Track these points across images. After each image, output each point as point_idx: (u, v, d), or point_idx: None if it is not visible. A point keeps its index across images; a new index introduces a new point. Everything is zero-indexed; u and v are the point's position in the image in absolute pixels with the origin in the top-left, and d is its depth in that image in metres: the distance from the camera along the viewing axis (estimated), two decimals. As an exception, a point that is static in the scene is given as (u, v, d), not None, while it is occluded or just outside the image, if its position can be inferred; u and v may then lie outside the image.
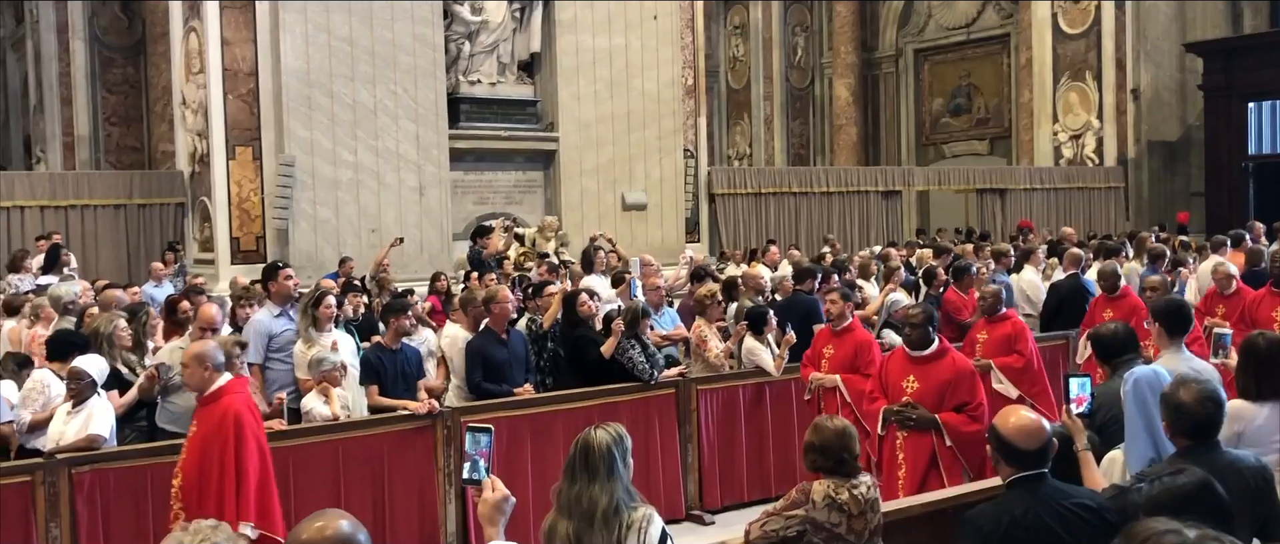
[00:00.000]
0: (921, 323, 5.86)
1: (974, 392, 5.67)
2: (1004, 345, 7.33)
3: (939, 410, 5.65)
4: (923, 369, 5.77)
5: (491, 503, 2.88)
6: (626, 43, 14.67)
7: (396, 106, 12.89)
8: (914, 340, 5.87)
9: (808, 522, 3.72)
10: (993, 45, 22.59)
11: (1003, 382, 7.18)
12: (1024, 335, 7.38)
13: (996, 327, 7.48)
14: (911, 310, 6.09)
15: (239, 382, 4.88)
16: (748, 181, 17.12)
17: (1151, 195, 19.31)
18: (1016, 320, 7.56)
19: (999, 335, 7.41)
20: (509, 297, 7.27)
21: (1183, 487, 2.90)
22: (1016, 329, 7.42)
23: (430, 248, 13.04)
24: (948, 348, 5.87)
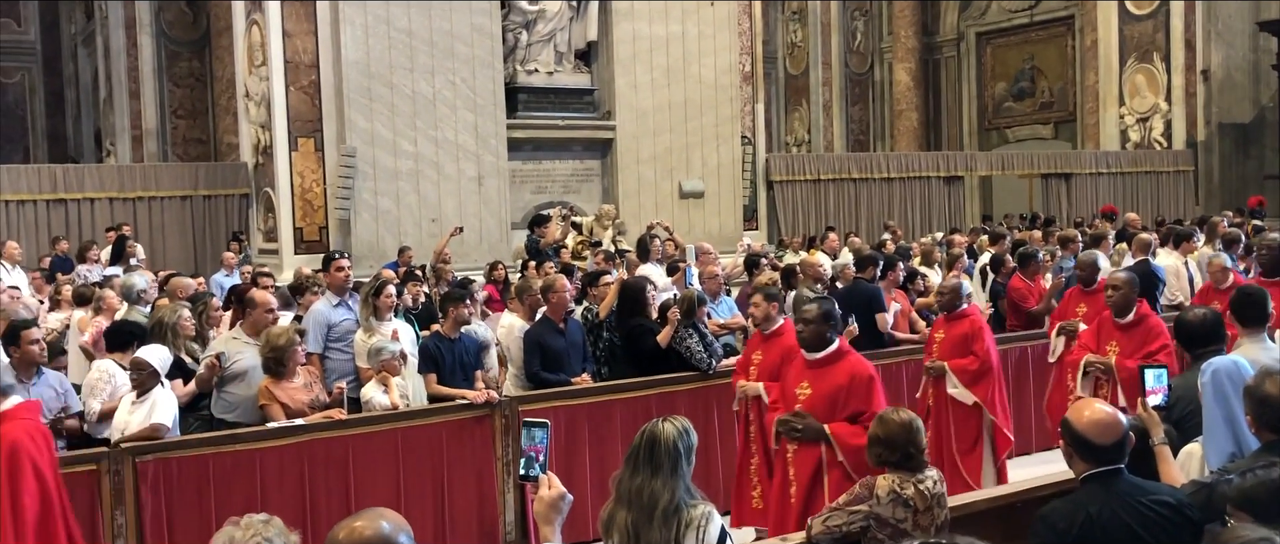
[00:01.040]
0: (815, 319, 5.13)
1: (869, 399, 4.98)
2: (960, 346, 6.79)
3: (832, 419, 5.00)
4: (817, 374, 5.11)
5: (548, 501, 2.82)
6: (683, 30, 14.57)
7: (455, 97, 12.93)
8: (808, 340, 5.14)
9: (872, 517, 3.64)
10: (1057, 27, 22.14)
11: (958, 386, 6.71)
12: (982, 335, 6.85)
13: (955, 325, 6.91)
14: (807, 305, 5.30)
15: (25, 407, 4.37)
16: (806, 168, 16.94)
17: (1222, 179, 18.80)
18: (976, 319, 7.00)
19: (956, 335, 6.86)
20: (567, 285, 7.25)
21: (1273, 480, 2.81)
22: (975, 328, 6.85)
23: (489, 237, 13.08)
24: (847, 350, 5.20)
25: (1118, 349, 6.35)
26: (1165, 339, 6.19)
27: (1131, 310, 6.35)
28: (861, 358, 5.24)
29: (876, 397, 5.02)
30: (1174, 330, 4.81)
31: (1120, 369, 6.24)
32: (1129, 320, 6.35)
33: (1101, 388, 6.38)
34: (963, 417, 6.71)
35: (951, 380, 6.71)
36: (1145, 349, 6.18)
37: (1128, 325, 6.36)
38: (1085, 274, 7.72)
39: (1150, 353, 6.08)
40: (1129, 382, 6.08)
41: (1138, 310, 6.36)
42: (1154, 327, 6.35)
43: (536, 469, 2.91)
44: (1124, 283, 6.41)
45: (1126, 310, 6.35)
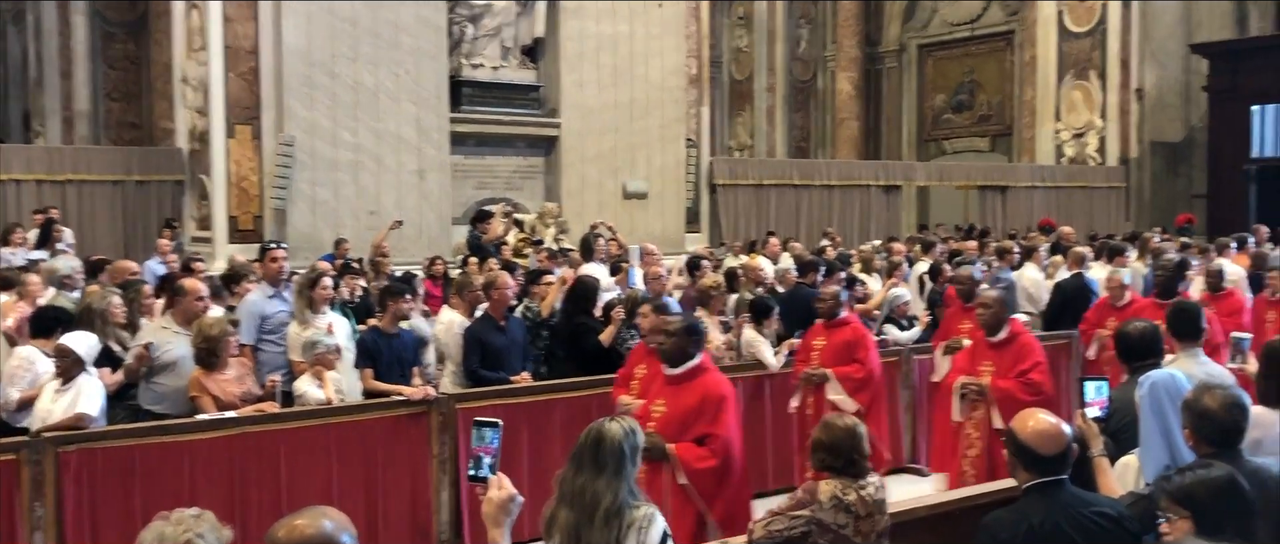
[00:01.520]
0: (678, 333, 4.91)
1: (716, 421, 4.75)
2: (843, 353, 6.74)
3: (681, 439, 4.75)
4: (674, 391, 4.87)
5: (497, 503, 2.77)
6: (631, 30, 14.54)
7: (398, 88, 12.76)
8: (668, 354, 4.89)
9: (814, 522, 3.63)
10: (997, 42, 22.49)
11: (840, 392, 6.67)
12: (865, 343, 6.81)
13: (835, 332, 6.85)
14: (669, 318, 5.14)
15: None
16: (749, 173, 17.01)
17: (1153, 196, 19.23)
18: (857, 326, 6.94)
19: (838, 341, 6.79)
20: (509, 282, 7.18)
21: (1215, 479, 2.89)
22: (857, 335, 6.82)
23: (429, 232, 12.92)
24: (706, 366, 4.97)
25: (992, 369, 6.19)
26: (1038, 357, 6.12)
27: (1003, 329, 6.20)
28: (720, 377, 5.01)
29: (723, 419, 4.76)
30: (1114, 343, 4.87)
31: (994, 389, 6.10)
32: (1001, 339, 6.20)
33: (976, 410, 6.25)
34: None
35: (835, 386, 6.64)
36: (1018, 368, 6.08)
37: (1000, 344, 6.21)
38: (965, 289, 7.58)
39: (1023, 372, 6.03)
40: (1004, 402, 6.00)
41: (1010, 328, 6.23)
42: (1027, 345, 6.20)
43: (486, 470, 2.85)
44: (994, 301, 6.27)
45: (998, 329, 6.20)
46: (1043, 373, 6.08)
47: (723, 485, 4.82)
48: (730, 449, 4.79)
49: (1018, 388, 6.03)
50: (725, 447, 4.76)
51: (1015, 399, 5.86)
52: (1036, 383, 6.04)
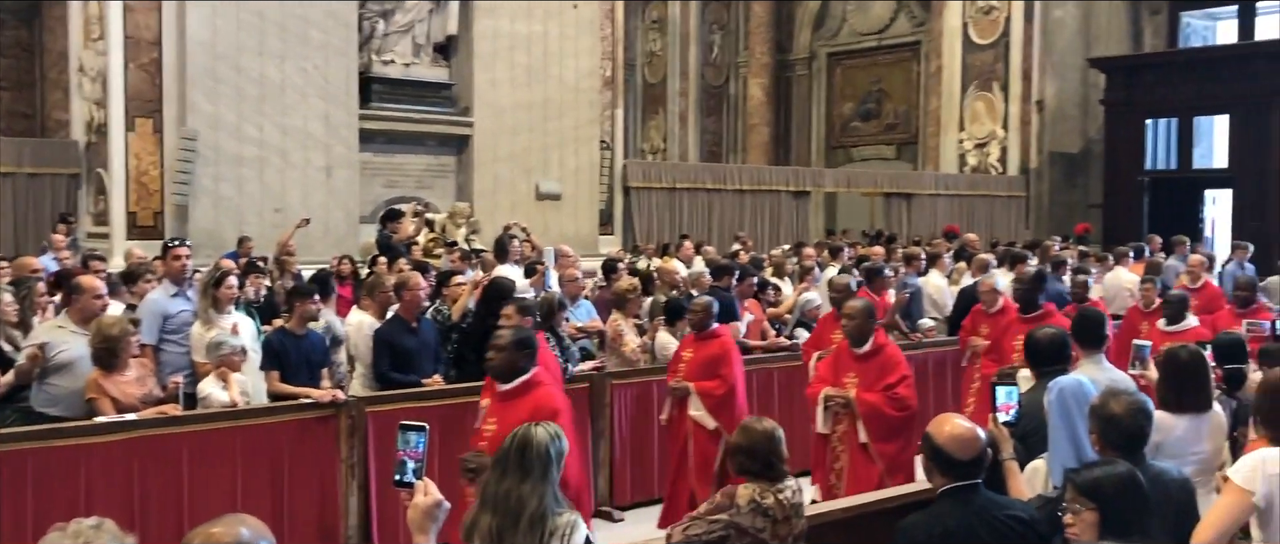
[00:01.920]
0: (508, 346, 4.60)
1: None
2: (708, 367, 6.45)
3: None
4: (505, 407, 4.58)
5: (423, 509, 2.70)
6: (545, 30, 14.47)
7: (306, 84, 12.49)
8: (498, 369, 4.61)
9: (732, 526, 3.63)
10: (904, 52, 22.93)
11: (700, 408, 6.38)
12: (729, 358, 6.51)
13: (704, 345, 6.55)
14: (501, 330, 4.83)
15: None
16: (663, 176, 17.06)
17: (1051, 205, 19.81)
18: (725, 340, 6.65)
19: (705, 356, 6.50)
20: (422, 283, 7.08)
21: (1120, 475, 2.99)
22: (723, 350, 6.51)
23: (336, 230, 12.67)
24: (538, 382, 4.66)
25: (856, 381, 6.02)
26: (903, 370, 5.98)
27: (868, 340, 6.01)
28: (551, 392, 4.65)
29: None
30: (1023, 348, 4.98)
31: (860, 403, 5.93)
32: (866, 351, 6.00)
33: (840, 423, 6.11)
34: (703, 440, 6.41)
35: (695, 402, 6.40)
36: (883, 381, 5.93)
37: (865, 356, 6.01)
38: (838, 297, 7.35)
39: (889, 385, 5.90)
40: (869, 416, 5.92)
41: (875, 340, 6.04)
42: (892, 358, 6.04)
43: (411, 475, 2.79)
44: (858, 312, 6.06)
45: (863, 340, 6.00)
46: (908, 387, 5.96)
47: None
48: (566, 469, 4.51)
49: (883, 402, 5.92)
50: None
51: (881, 413, 5.85)
52: (902, 397, 5.93)
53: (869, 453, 5.94)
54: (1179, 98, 18.09)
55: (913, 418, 5.99)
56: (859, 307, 6.14)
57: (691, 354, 6.59)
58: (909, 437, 5.97)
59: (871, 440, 5.95)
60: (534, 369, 4.68)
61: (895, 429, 5.97)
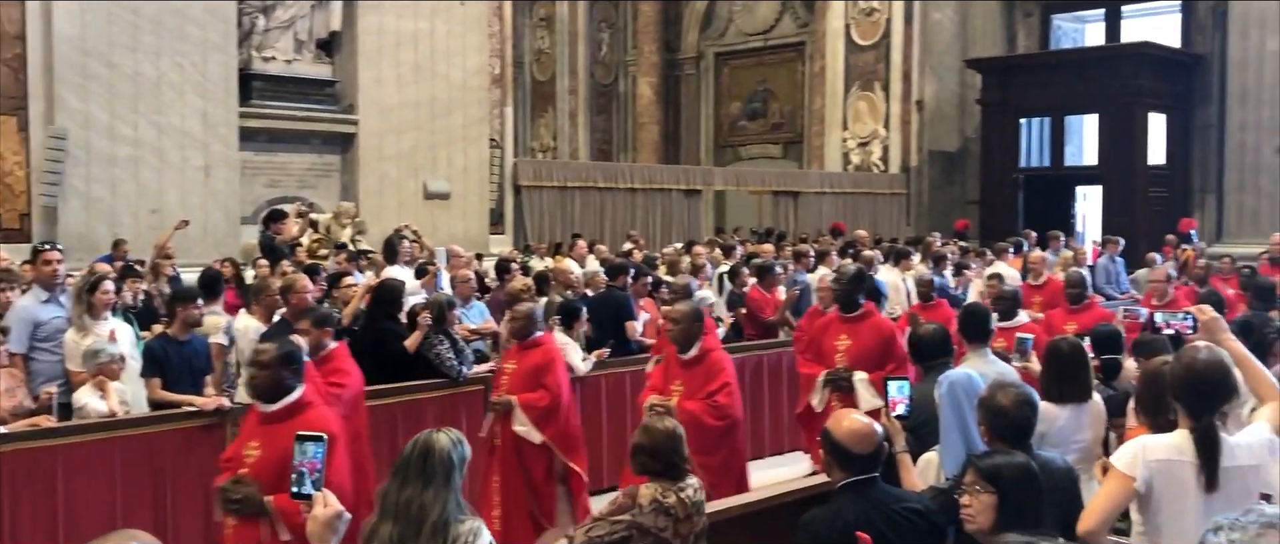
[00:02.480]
0: (271, 363, 4.14)
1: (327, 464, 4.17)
2: (531, 378, 6.09)
3: (279, 491, 3.88)
4: (268, 431, 4.12)
5: (323, 521, 2.63)
6: (432, 27, 14.28)
7: (182, 80, 12.08)
8: (258, 388, 4.20)
9: (634, 526, 3.64)
10: (789, 53, 23.29)
11: (525, 423, 6.02)
12: (554, 367, 6.16)
13: (527, 355, 6.17)
14: (262, 346, 4.41)
15: None
16: (554, 174, 17.00)
17: (931, 202, 20.38)
18: (549, 348, 6.27)
19: (529, 365, 6.12)
20: (308, 286, 6.90)
21: (1018, 463, 3.09)
22: (547, 359, 6.18)
23: (216, 232, 12.28)
24: (308, 401, 4.24)
25: (682, 389, 5.71)
26: (727, 377, 5.70)
27: (694, 345, 5.71)
28: (323, 414, 4.21)
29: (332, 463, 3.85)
30: (908, 345, 5.11)
31: (681, 411, 5.49)
32: (691, 357, 5.71)
33: None
34: (533, 455, 6.10)
35: (519, 417, 6.01)
36: (707, 388, 5.66)
37: (691, 362, 5.73)
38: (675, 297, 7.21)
39: (711, 392, 5.63)
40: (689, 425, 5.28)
41: (701, 345, 5.74)
42: (717, 364, 5.73)
43: (309, 486, 2.71)
44: (683, 316, 5.79)
45: (689, 345, 5.70)
46: (730, 395, 5.67)
47: None
48: (349, 489, 4.04)
49: (704, 410, 5.61)
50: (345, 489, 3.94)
51: (700, 423, 5.49)
52: (722, 406, 5.62)
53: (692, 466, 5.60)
54: (1051, 98, 18.78)
55: (735, 427, 5.77)
56: (683, 310, 5.88)
57: (514, 365, 6.18)
58: (733, 446, 5.80)
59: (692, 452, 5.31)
60: (302, 388, 4.22)
61: (716, 440, 5.65)
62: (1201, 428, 3.18)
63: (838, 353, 6.59)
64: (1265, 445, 3.26)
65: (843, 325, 6.68)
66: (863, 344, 6.56)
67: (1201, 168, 18.37)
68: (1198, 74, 18.32)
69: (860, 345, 6.55)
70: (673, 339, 5.84)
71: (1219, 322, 3.59)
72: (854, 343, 6.57)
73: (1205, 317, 3.62)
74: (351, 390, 5.49)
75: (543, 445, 6.08)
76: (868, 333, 6.61)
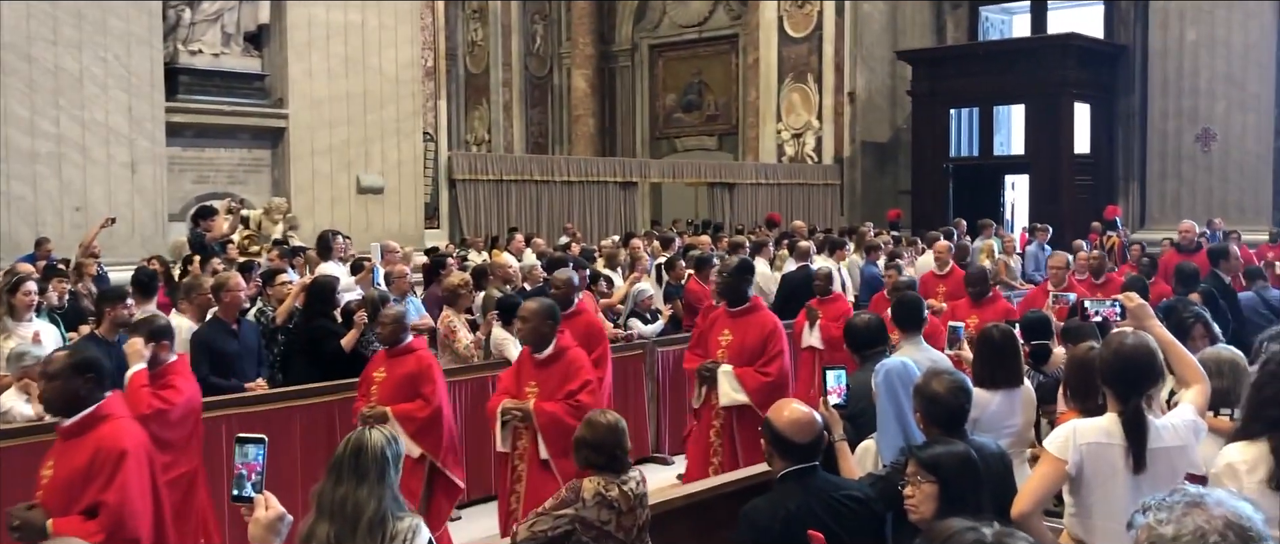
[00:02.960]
0: (61, 373, 3.81)
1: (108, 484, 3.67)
2: (407, 387, 5.70)
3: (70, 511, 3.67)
4: (64, 448, 3.85)
5: (265, 523, 2.60)
6: (363, 19, 14.09)
7: (106, 75, 11.77)
8: (51, 401, 3.94)
9: (577, 520, 3.64)
10: (722, 45, 23.41)
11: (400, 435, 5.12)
12: (431, 374, 5.75)
13: (399, 362, 5.77)
14: (56, 355, 4.07)
15: None
16: (489, 168, 16.89)
17: (864, 192, 20.63)
18: (423, 355, 5.89)
19: (401, 374, 5.74)
20: (241, 284, 6.82)
21: (958, 452, 3.17)
22: (422, 365, 5.76)
23: (143, 229, 12.01)
24: (107, 413, 3.85)
25: (537, 390, 5.42)
26: (588, 375, 5.43)
27: (549, 344, 5.42)
28: (119, 429, 3.82)
29: (117, 482, 3.65)
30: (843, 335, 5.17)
31: (538, 413, 5.32)
32: (547, 356, 5.44)
33: (521, 439, 5.50)
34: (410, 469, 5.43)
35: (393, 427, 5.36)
36: (566, 388, 5.37)
37: (546, 362, 5.45)
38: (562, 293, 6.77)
39: (572, 392, 5.34)
40: (548, 427, 5.31)
41: (557, 344, 5.46)
42: (575, 362, 5.46)
43: (250, 489, 2.68)
44: (534, 314, 5.42)
45: (543, 344, 5.41)
46: (592, 393, 5.38)
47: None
48: (124, 521, 3.66)
49: (564, 411, 5.31)
50: (116, 519, 3.62)
51: (561, 424, 5.22)
52: (584, 405, 5.24)
53: (551, 470, 5.33)
54: (979, 88, 19.11)
55: None
56: (534, 308, 5.49)
57: (384, 373, 5.80)
58: None
59: (552, 456, 5.30)
60: (103, 399, 3.86)
61: None
62: (1129, 411, 3.27)
63: (721, 348, 6.24)
64: (1190, 427, 3.37)
65: (727, 320, 6.34)
66: (745, 339, 6.20)
67: (1125, 156, 18.84)
68: (1120, 64, 18.78)
69: (742, 340, 6.20)
70: (523, 340, 5.58)
71: (1145, 308, 3.69)
72: (736, 338, 6.22)
73: (1132, 303, 3.72)
74: (180, 407, 5.06)
75: (420, 459, 5.63)
76: (751, 328, 6.22)
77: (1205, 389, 3.53)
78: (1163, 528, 1.86)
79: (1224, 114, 17.30)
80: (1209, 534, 1.83)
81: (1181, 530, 1.85)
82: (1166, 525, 1.86)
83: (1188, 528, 1.85)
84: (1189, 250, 10.31)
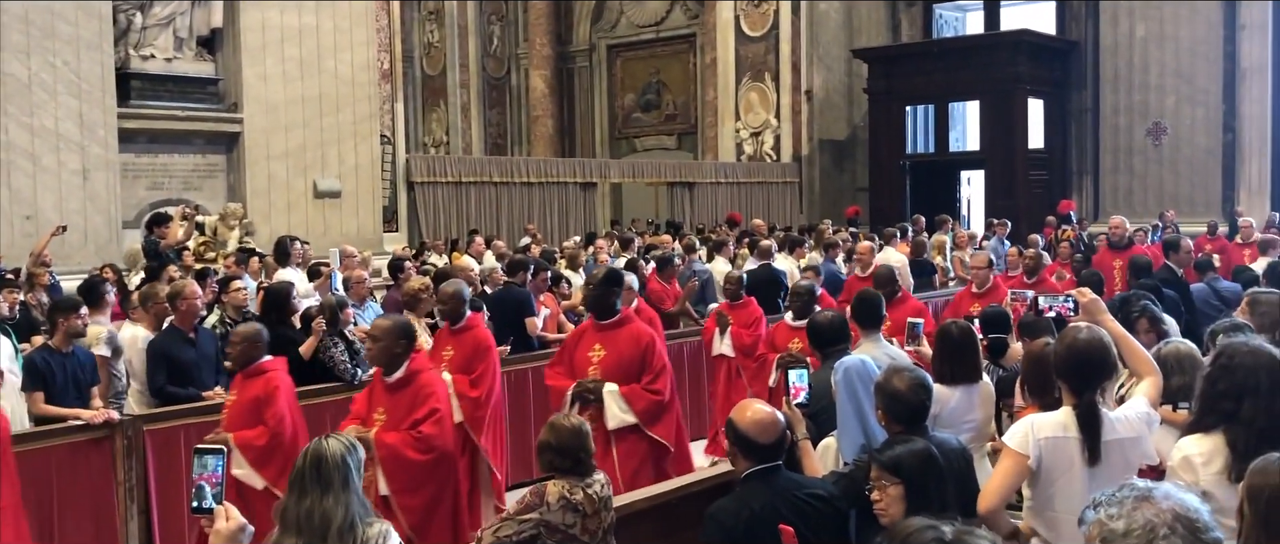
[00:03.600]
0: None
1: None
2: (252, 412, 5.21)
3: None
4: None
5: (225, 535, 2.57)
6: (317, 22, 13.96)
7: (55, 81, 11.59)
8: None
9: (542, 524, 3.64)
10: (680, 44, 23.47)
11: (243, 466, 5.08)
12: (276, 398, 5.20)
13: (249, 384, 5.27)
14: None
15: None
16: (448, 170, 16.81)
17: (823, 190, 20.77)
18: (273, 376, 5.30)
19: (248, 398, 5.25)
20: (197, 292, 6.73)
21: (918, 450, 3.19)
22: (269, 389, 5.22)
23: (97, 237, 11.84)
24: None
25: (384, 417, 4.93)
26: (436, 402, 4.93)
27: (400, 366, 4.95)
28: None
29: None
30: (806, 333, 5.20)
31: (378, 445, 4.79)
32: (397, 379, 4.94)
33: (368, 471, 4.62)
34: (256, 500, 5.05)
35: (237, 458, 5.04)
36: (412, 416, 4.86)
37: (396, 386, 4.95)
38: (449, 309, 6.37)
39: (417, 421, 4.84)
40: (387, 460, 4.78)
41: (408, 366, 4.96)
42: (426, 387, 4.95)
43: (210, 500, 2.65)
44: (386, 332, 4.96)
45: (394, 366, 4.94)
46: (437, 424, 4.89)
47: None
48: None
49: (404, 443, 4.82)
50: None
51: (400, 457, 4.80)
52: (427, 437, 4.85)
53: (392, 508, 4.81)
54: (934, 86, 19.30)
55: (444, 460, 4.95)
56: (386, 325, 5.04)
57: (235, 396, 5.38)
58: (443, 482, 4.96)
59: (392, 492, 4.83)
60: None
61: (421, 477, 4.87)
62: (1084, 405, 3.32)
63: (592, 365, 5.68)
64: (1143, 419, 3.42)
65: (597, 334, 5.78)
66: (619, 354, 5.65)
67: (1078, 150, 19.11)
68: (1073, 60, 19.04)
69: (617, 355, 5.65)
70: (373, 361, 5.10)
71: (1098, 303, 3.74)
72: (609, 353, 5.66)
73: (1085, 298, 3.77)
74: None
75: (265, 491, 5.07)
76: (624, 342, 5.68)
77: (1157, 381, 3.58)
78: (1114, 523, 1.90)
79: (1174, 108, 17.60)
80: (1159, 527, 1.87)
81: (1132, 525, 1.88)
82: (1117, 520, 1.90)
83: (1138, 522, 1.88)
84: (1120, 247, 10.35)
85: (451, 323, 6.36)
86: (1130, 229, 11.27)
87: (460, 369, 6.16)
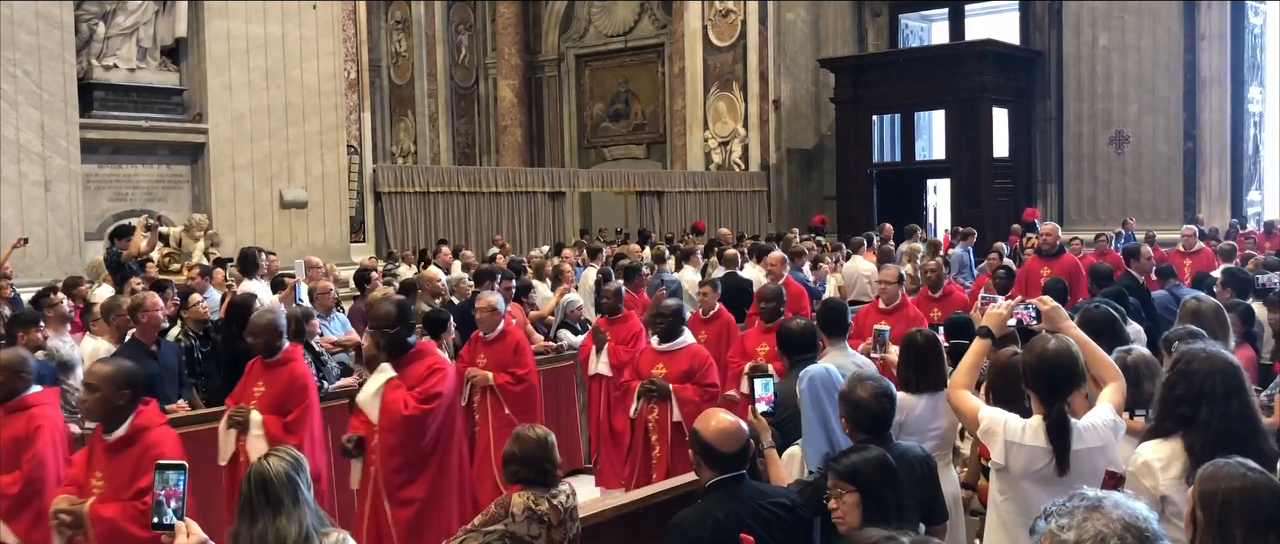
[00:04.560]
0: None
1: None
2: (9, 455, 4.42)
3: None
4: None
5: (185, 551, 2.55)
6: (283, 31, 13.87)
7: (16, 92, 11.45)
8: None
9: (507, 535, 3.62)
10: (648, 54, 23.52)
11: None
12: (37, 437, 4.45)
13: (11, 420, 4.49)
14: None
15: None
16: (415, 180, 16.75)
17: (791, 199, 20.86)
18: (39, 412, 4.53)
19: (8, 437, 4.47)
20: (158, 303, 6.67)
21: (873, 457, 3.20)
22: (31, 428, 4.47)
23: (59, 249, 11.70)
24: None
25: (102, 485, 4.09)
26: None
27: (123, 423, 4.10)
28: None
29: None
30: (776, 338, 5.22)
31: (94, 520, 4.01)
32: (118, 438, 4.10)
33: None
34: None
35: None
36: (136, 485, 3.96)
37: (116, 446, 4.10)
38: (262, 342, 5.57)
39: (140, 491, 3.88)
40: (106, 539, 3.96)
41: (133, 422, 4.12)
42: (154, 445, 4.06)
43: (171, 516, 2.62)
44: (103, 380, 4.11)
45: (115, 422, 4.11)
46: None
47: None
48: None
49: (125, 516, 3.98)
50: None
51: (122, 534, 3.99)
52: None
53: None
54: (900, 95, 19.45)
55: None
56: (106, 372, 4.16)
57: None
58: None
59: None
60: None
61: None
62: (1053, 415, 3.35)
63: None
64: (1109, 426, 3.45)
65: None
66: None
67: (1042, 159, 19.30)
68: (1037, 69, 19.25)
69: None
70: (87, 414, 4.49)
71: (1059, 311, 3.77)
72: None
73: (1046, 307, 3.80)
74: None
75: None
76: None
77: (1122, 387, 3.62)
78: (1065, 534, 1.92)
79: (1136, 117, 17.83)
80: (1109, 537, 1.88)
81: (1083, 535, 1.90)
82: (1068, 531, 1.92)
83: (1089, 532, 1.90)
84: (1050, 255, 10.35)
85: (264, 356, 5.41)
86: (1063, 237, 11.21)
87: (273, 409, 5.38)
